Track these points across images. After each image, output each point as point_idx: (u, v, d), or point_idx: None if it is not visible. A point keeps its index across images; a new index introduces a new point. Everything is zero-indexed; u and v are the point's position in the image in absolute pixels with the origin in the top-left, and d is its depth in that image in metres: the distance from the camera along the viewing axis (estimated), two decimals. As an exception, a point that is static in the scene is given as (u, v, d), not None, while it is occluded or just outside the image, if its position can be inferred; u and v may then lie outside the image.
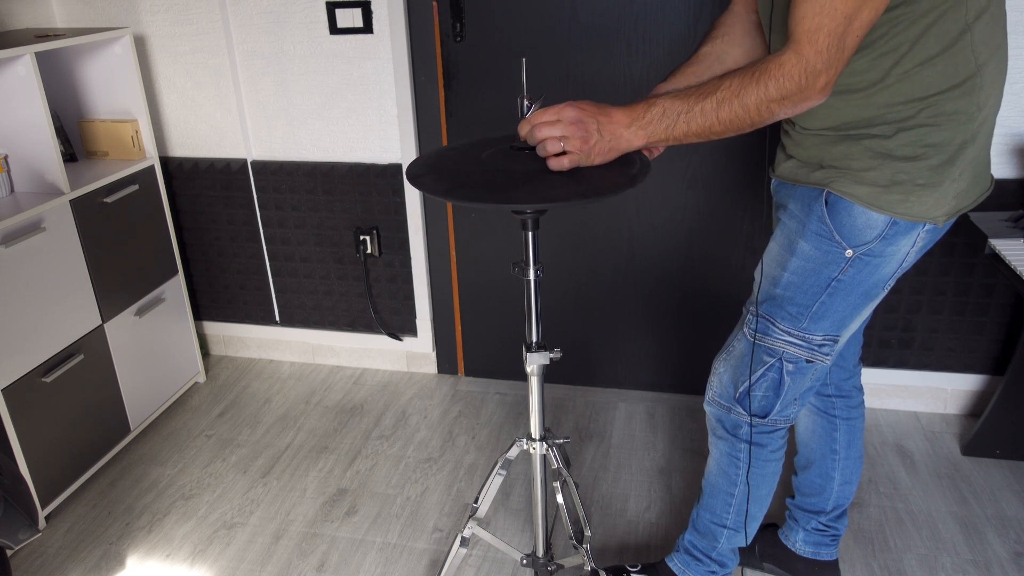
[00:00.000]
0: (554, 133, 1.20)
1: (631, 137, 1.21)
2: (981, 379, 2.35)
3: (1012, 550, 1.88)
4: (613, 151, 1.22)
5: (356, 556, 1.94)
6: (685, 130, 1.18)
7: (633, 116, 1.20)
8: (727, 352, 1.49)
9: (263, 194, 2.59)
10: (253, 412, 2.55)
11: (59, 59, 2.32)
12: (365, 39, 2.32)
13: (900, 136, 1.21)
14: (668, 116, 1.19)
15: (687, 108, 1.18)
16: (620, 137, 1.21)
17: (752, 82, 1.14)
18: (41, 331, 2.01)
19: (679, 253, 2.37)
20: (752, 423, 1.47)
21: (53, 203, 2.03)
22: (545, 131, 1.20)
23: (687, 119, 1.18)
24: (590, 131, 1.19)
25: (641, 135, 1.20)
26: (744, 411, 1.46)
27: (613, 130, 1.20)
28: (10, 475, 1.20)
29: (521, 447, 1.56)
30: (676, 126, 1.19)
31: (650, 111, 1.19)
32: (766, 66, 1.13)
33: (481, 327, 2.63)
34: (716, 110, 1.16)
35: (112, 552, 1.99)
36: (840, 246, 1.29)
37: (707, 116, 1.17)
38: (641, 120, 1.20)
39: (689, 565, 1.67)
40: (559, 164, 1.21)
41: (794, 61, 1.11)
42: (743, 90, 1.14)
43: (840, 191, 1.26)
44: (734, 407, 1.47)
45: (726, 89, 1.15)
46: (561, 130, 1.19)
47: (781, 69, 1.12)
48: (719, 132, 1.18)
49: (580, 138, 1.19)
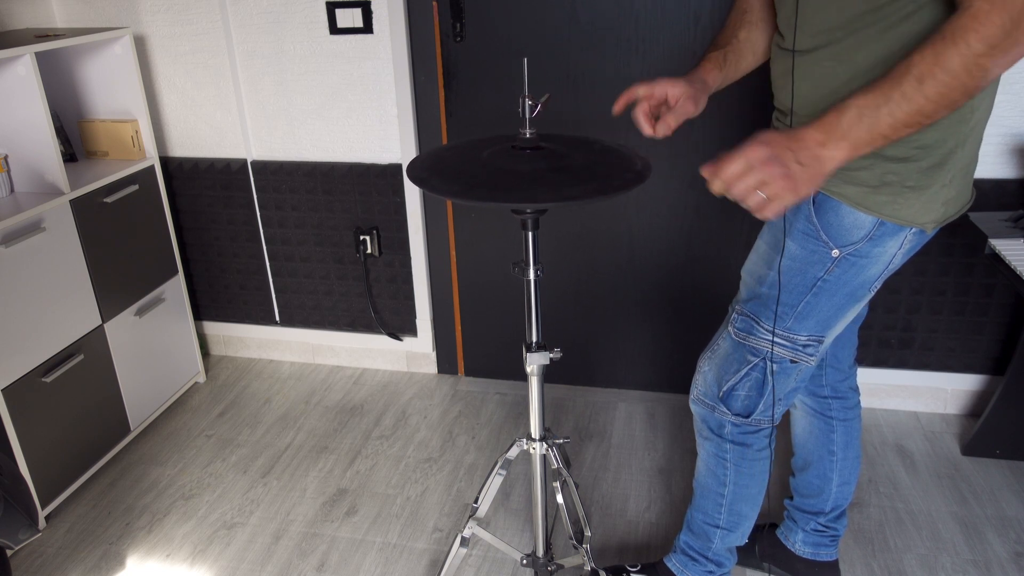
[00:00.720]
0: (750, 183, 1.09)
1: (833, 153, 1.09)
2: (981, 379, 2.35)
3: (1012, 550, 1.88)
4: (819, 175, 1.10)
5: (356, 556, 1.94)
6: (891, 122, 1.06)
7: (826, 130, 1.09)
8: (712, 350, 1.49)
9: (263, 194, 2.59)
10: (253, 412, 2.55)
11: (59, 59, 2.32)
12: (365, 39, 2.32)
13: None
14: (866, 115, 1.06)
15: (884, 99, 1.05)
16: (821, 159, 1.09)
17: (949, 44, 1.02)
18: (41, 331, 2.01)
19: (679, 253, 2.37)
20: (735, 422, 1.47)
21: (53, 203, 2.03)
22: (740, 185, 1.09)
23: (889, 110, 1.05)
24: (787, 165, 1.08)
25: (844, 147, 1.08)
26: (727, 410, 1.46)
27: (811, 154, 1.09)
28: (10, 475, 1.20)
29: (521, 447, 1.56)
30: (879, 122, 1.06)
31: (842, 118, 1.08)
32: (958, 22, 1.02)
33: (481, 327, 2.63)
34: (919, 89, 1.03)
35: (112, 552, 1.99)
36: (827, 246, 1.28)
37: (911, 99, 1.04)
38: (836, 132, 1.08)
39: (687, 565, 1.67)
40: (771, 213, 1.10)
41: (987, 6, 1.00)
42: (942, 56, 1.02)
43: (829, 190, 1.26)
44: (718, 406, 1.47)
45: (921, 63, 1.03)
46: (756, 177, 1.08)
47: (976, 19, 1.00)
48: (930, 113, 1.05)
49: (780, 176, 1.08)
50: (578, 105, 2.26)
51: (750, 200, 1.10)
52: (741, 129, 2.19)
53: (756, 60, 1.47)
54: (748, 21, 1.44)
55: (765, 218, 1.12)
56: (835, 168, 1.10)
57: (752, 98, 2.14)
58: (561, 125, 2.29)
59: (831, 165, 1.09)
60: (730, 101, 2.16)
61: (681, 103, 1.35)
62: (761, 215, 1.11)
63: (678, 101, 1.35)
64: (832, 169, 1.10)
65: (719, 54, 1.44)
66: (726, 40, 1.45)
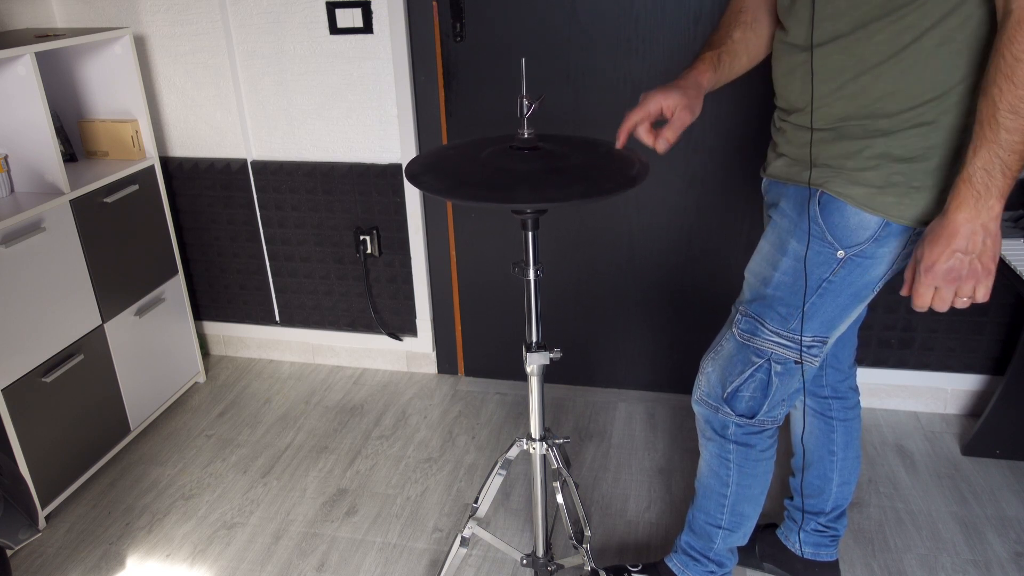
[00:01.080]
0: (947, 298, 1.17)
1: (987, 214, 1.12)
2: (981, 379, 2.35)
3: (1012, 550, 1.88)
4: (990, 240, 1.14)
5: (356, 556, 1.94)
6: (1017, 158, 1.09)
7: (969, 205, 1.12)
8: (715, 351, 1.48)
9: (263, 194, 2.59)
10: (253, 412, 2.55)
11: (59, 59, 2.32)
12: (365, 39, 2.32)
13: (900, 135, 1.21)
14: (992, 167, 1.10)
15: (996, 145, 1.09)
16: (984, 229, 1.13)
17: (1012, 62, 1.05)
18: (41, 331, 2.01)
19: (679, 253, 2.37)
20: (739, 423, 1.47)
21: (53, 203, 2.03)
22: (942, 305, 1.18)
23: (1006, 149, 1.09)
24: (962, 263, 1.14)
25: (992, 204, 1.11)
26: (731, 411, 1.46)
27: (973, 237, 1.13)
28: (10, 475, 1.20)
29: (521, 447, 1.56)
30: (1008, 164, 1.09)
31: (973, 184, 1.11)
32: (1007, 35, 1.05)
33: (481, 327, 2.63)
34: (1016, 116, 1.07)
35: (112, 552, 1.99)
36: (832, 246, 1.28)
37: (1016, 129, 1.07)
38: (977, 199, 1.11)
39: (688, 565, 1.67)
40: (985, 298, 1.17)
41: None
42: (1013, 76, 1.05)
43: (835, 191, 1.26)
44: (721, 407, 1.47)
45: (1000, 94, 1.07)
46: (949, 291, 1.16)
47: (1021, 25, 1.04)
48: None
49: (967, 277, 1.15)
50: (578, 105, 2.26)
51: (961, 305, 1.18)
52: (741, 129, 2.19)
53: (751, 61, 1.47)
54: (743, 21, 1.43)
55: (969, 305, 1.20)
56: (998, 221, 1.14)
57: (752, 98, 2.14)
58: (561, 125, 2.29)
59: (995, 226, 1.13)
60: (730, 101, 2.16)
61: (677, 114, 1.35)
62: (984, 300, 1.18)
63: (673, 112, 1.35)
64: (997, 226, 1.14)
65: (713, 54, 1.43)
66: (720, 40, 1.44)
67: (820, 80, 1.25)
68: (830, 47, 1.22)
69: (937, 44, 1.15)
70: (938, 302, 1.19)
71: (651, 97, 1.36)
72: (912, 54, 1.16)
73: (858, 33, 1.19)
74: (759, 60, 1.48)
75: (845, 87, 1.23)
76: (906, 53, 1.17)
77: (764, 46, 1.45)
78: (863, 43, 1.19)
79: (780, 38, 1.34)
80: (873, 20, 1.17)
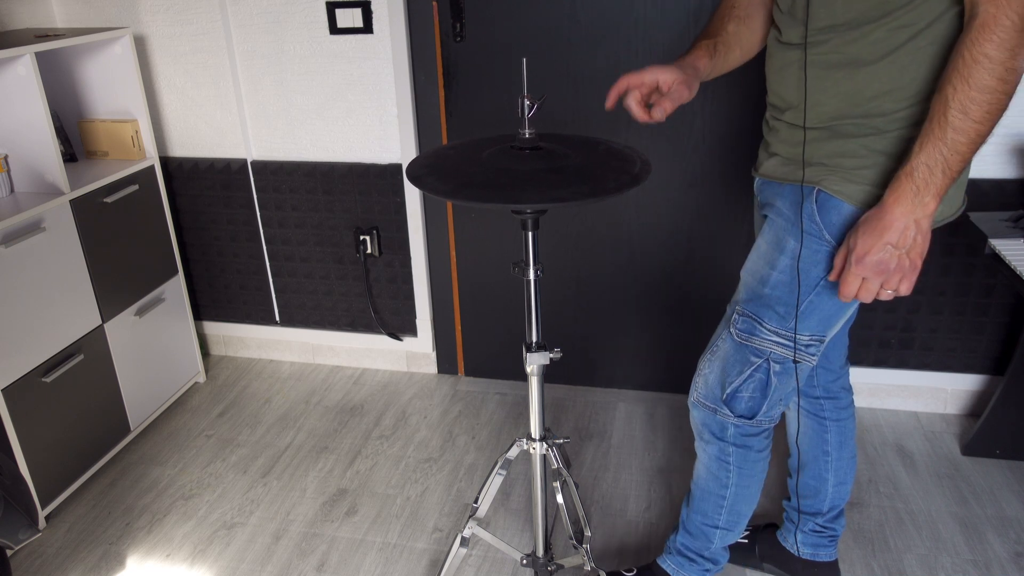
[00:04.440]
0: (873, 290, 1.19)
1: (922, 211, 1.13)
2: (981, 379, 2.35)
3: (1012, 550, 1.88)
4: (920, 236, 1.15)
5: (356, 556, 1.94)
6: (959, 157, 1.10)
7: (907, 199, 1.13)
8: (712, 352, 1.48)
9: (263, 194, 2.59)
10: (253, 412, 2.55)
11: (59, 59, 2.32)
12: (365, 39, 2.32)
13: (895, 134, 1.21)
14: (935, 164, 1.11)
15: (941, 143, 1.09)
16: (916, 225, 1.14)
17: (971, 64, 1.05)
18: (41, 331, 2.01)
19: (679, 253, 2.37)
20: (738, 424, 1.46)
21: (53, 203, 2.03)
22: (867, 296, 1.20)
23: (951, 149, 1.09)
24: (891, 254, 1.16)
25: (929, 200, 1.13)
26: (730, 412, 1.46)
27: (906, 232, 1.14)
28: (10, 475, 1.20)
29: (521, 447, 1.56)
30: (949, 163, 1.10)
31: (914, 179, 1.12)
32: (969, 37, 1.05)
33: (481, 327, 2.63)
34: (966, 118, 1.07)
35: (112, 552, 1.99)
36: (829, 244, 1.28)
37: (965, 130, 1.08)
38: (916, 196, 1.13)
39: (683, 566, 1.67)
40: (908, 291, 1.19)
41: (993, 10, 1.03)
42: (972, 79, 1.05)
43: (831, 189, 1.26)
44: (720, 408, 1.46)
45: (954, 92, 1.07)
46: (875, 283, 1.18)
47: (986, 28, 1.03)
48: (988, 129, 1.09)
49: (895, 271, 1.17)
50: (578, 105, 2.26)
51: (881, 296, 1.19)
52: (741, 129, 2.19)
53: (743, 55, 1.47)
54: (736, 16, 1.43)
55: (894, 298, 1.21)
56: (931, 219, 1.15)
57: (752, 98, 2.15)
58: (561, 125, 2.29)
59: (928, 223, 1.15)
60: (730, 101, 2.16)
61: (675, 88, 1.34)
62: (907, 294, 1.20)
63: (671, 87, 1.35)
64: (931, 223, 1.16)
65: (709, 43, 1.43)
66: (715, 31, 1.44)
67: (815, 78, 1.25)
68: (825, 46, 1.23)
69: (931, 43, 1.15)
70: (863, 293, 1.20)
71: (650, 68, 1.35)
72: (907, 53, 1.17)
73: (853, 32, 1.19)
74: (752, 55, 1.48)
75: (840, 85, 1.23)
76: (901, 52, 1.17)
77: (757, 41, 1.45)
78: (858, 42, 1.19)
79: (774, 36, 1.35)
80: (868, 20, 1.17)
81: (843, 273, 1.21)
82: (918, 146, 1.12)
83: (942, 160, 1.10)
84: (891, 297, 1.19)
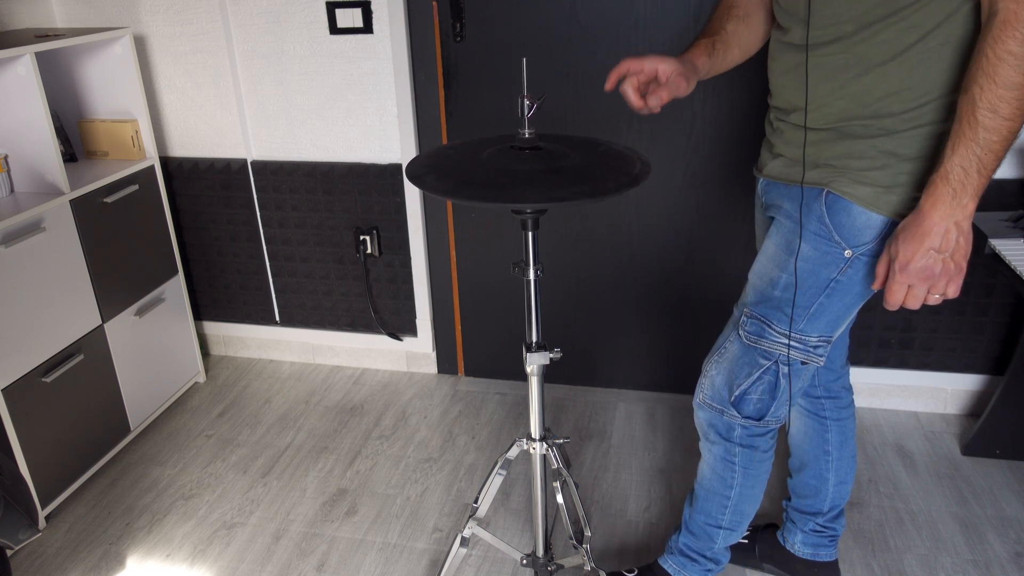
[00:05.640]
0: (920, 296, 1.18)
1: (961, 213, 1.13)
2: (981, 379, 2.35)
3: (1012, 550, 1.88)
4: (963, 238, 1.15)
5: (356, 556, 1.94)
6: (993, 156, 1.10)
7: (944, 203, 1.12)
8: (719, 354, 1.47)
9: (263, 194, 2.59)
10: (253, 412, 2.55)
11: (59, 59, 2.32)
12: (365, 39, 2.32)
13: (905, 135, 1.21)
14: (969, 165, 1.10)
15: (974, 143, 1.09)
16: (957, 227, 1.14)
17: (994, 61, 1.05)
18: (41, 331, 2.01)
19: (679, 253, 2.37)
20: (745, 425, 1.46)
21: (53, 203, 2.03)
22: (914, 303, 1.19)
23: (984, 148, 1.09)
24: (934, 259, 1.15)
25: (967, 203, 1.12)
26: (737, 414, 1.46)
27: (947, 235, 1.14)
28: (10, 475, 1.20)
29: (521, 447, 1.56)
30: (985, 164, 1.10)
31: (949, 181, 1.11)
32: (991, 35, 1.05)
33: (481, 327, 2.63)
34: (995, 114, 1.07)
35: (112, 552, 1.99)
36: (839, 246, 1.28)
37: (997, 128, 1.08)
38: (953, 196, 1.12)
39: (685, 566, 1.67)
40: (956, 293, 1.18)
41: (1013, 7, 1.03)
42: (998, 76, 1.05)
43: (840, 191, 1.26)
44: (727, 410, 1.46)
45: (981, 92, 1.07)
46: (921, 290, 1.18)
47: (1007, 25, 1.03)
48: (1018, 128, 1.08)
49: (940, 275, 1.16)
50: (578, 105, 2.26)
51: (933, 302, 1.19)
52: (741, 130, 2.18)
53: (742, 55, 1.47)
54: (735, 15, 1.43)
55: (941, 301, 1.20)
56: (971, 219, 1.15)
57: (752, 98, 2.14)
58: (561, 125, 2.29)
59: (968, 222, 1.15)
60: (730, 101, 2.16)
61: (673, 79, 1.35)
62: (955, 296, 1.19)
63: (669, 77, 1.35)
64: (970, 224, 1.16)
65: (708, 41, 1.43)
66: (714, 30, 1.44)
67: (821, 80, 1.25)
68: (832, 47, 1.22)
69: (940, 44, 1.15)
70: (911, 300, 1.19)
71: (650, 56, 1.36)
72: (916, 54, 1.16)
73: (861, 33, 1.19)
74: (751, 54, 1.48)
75: (847, 86, 1.23)
76: (910, 53, 1.17)
77: (756, 41, 1.45)
78: (866, 43, 1.19)
79: (778, 37, 1.34)
80: (876, 20, 1.17)
81: (888, 282, 1.20)
82: (950, 149, 1.11)
83: (976, 160, 1.10)
84: (939, 301, 1.19)
